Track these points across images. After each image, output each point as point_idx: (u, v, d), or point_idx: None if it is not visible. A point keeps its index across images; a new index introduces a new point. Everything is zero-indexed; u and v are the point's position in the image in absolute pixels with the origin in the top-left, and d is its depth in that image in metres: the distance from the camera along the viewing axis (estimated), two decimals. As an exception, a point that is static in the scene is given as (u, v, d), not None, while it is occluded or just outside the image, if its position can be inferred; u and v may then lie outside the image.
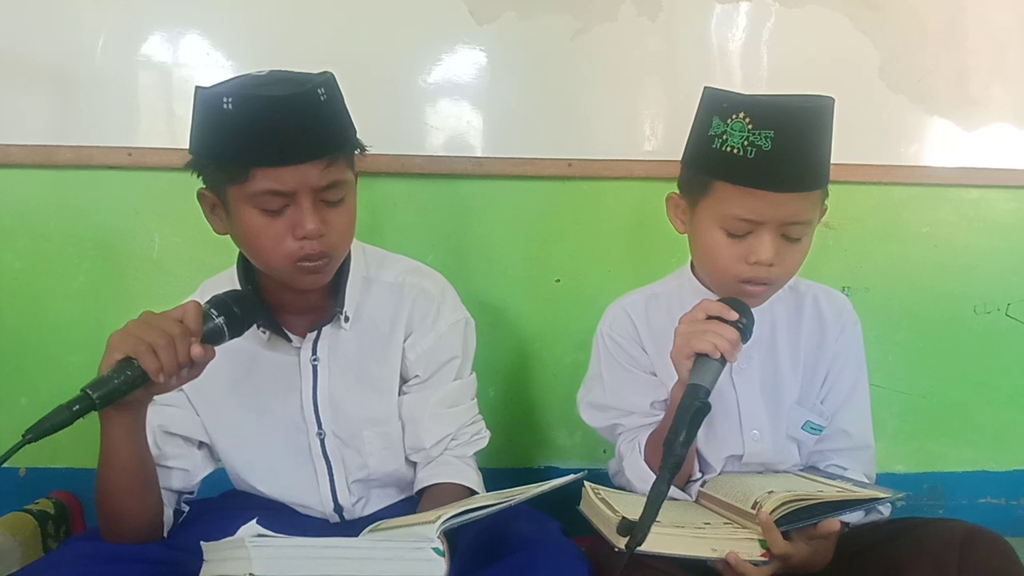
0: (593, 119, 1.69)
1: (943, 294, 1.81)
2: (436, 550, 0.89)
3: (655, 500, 0.93)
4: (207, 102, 1.09)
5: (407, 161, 1.63)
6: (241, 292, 1.16)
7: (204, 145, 1.12)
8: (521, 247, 1.73)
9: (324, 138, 1.09)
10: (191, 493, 1.27)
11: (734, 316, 1.09)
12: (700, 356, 1.07)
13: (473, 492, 1.24)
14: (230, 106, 1.05)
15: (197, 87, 1.12)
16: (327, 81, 1.11)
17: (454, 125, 1.68)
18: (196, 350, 1.03)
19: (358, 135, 1.19)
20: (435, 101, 1.67)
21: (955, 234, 1.80)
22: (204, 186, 1.16)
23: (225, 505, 1.29)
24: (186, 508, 1.25)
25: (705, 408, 1.02)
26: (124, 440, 1.09)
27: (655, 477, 0.96)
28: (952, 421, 1.85)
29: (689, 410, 1.01)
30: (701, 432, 1.25)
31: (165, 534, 1.18)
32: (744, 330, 1.10)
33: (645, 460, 1.22)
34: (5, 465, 1.57)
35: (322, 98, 1.08)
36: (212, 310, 1.09)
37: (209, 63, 1.63)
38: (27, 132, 1.61)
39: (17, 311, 1.69)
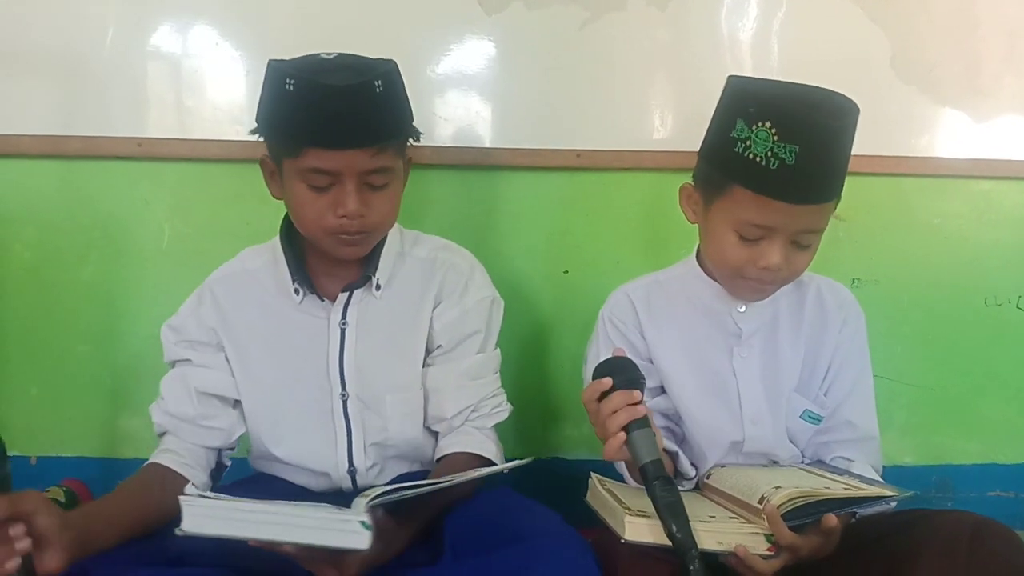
0: (602, 110, 1.68)
1: (953, 286, 1.80)
2: (363, 523, 0.92)
3: None
4: (273, 77, 1.16)
5: (415, 152, 1.59)
6: None
7: (266, 117, 1.20)
8: (529, 238, 1.73)
9: (374, 128, 1.15)
10: (231, 448, 1.32)
11: (607, 383, 1.06)
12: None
13: (491, 463, 1.27)
14: (291, 87, 1.12)
15: (270, 61, 1.17)
16: (387, 73, 1.17)
17: (462, 116, 1.67)
18: None
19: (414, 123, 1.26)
20: (443, 92, 1.67)
21: (966, 226, 1.79)
22: (267, 153, 1.24)
23: (251, 489, 1.30)
24: (228, 463, 1.32)
25: (668, 479, 1.01)
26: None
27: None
28: (961, 414, 1.84)
29: (664, 496, 0.99)
30: (702, 420, 1.26)
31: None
32: (629, 382, 1.06)
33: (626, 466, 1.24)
34: (17, 453, 1.59)
35: (378, 89, 1.14)
36: None
37: (218, 53, 1.63)
38: (36, 122, 1.62)
39: (26, 301, 1.70)
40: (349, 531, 0.92)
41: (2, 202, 1.66)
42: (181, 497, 0.93)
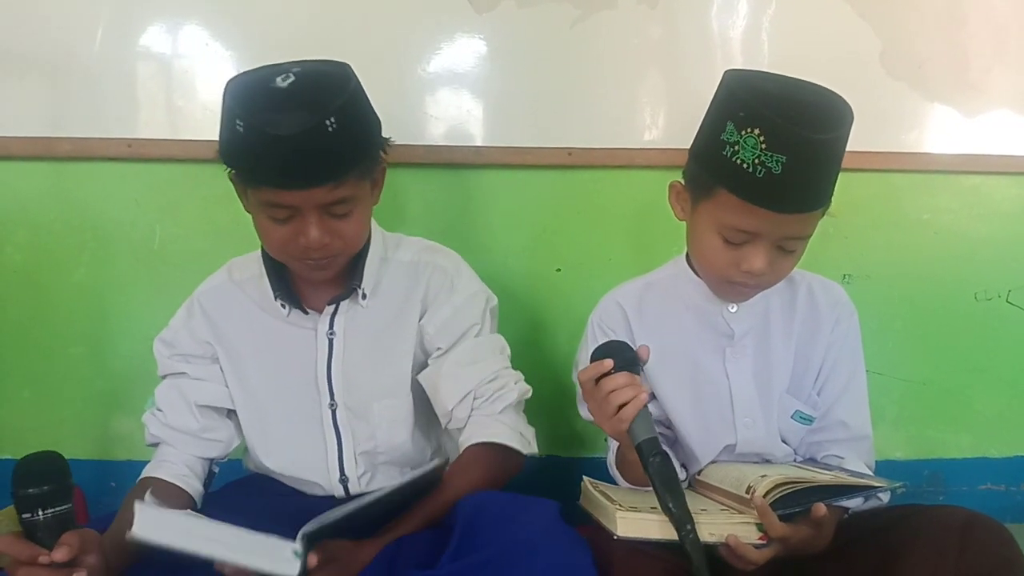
0: (593, 108, 1.68)
1: (943, 281, 1.81)
2: (295, 552, 0.96)
3: (698, 561, 0.98)
4: (227, 111, 1.11)
5: (407, 151, 1.62)
6: (32, 469, 0.98)
7: (223, 150, 1.15)
8: (521, 236, 1.73)
9: (329, 168, 1.11)
10: (225, 458, 1.34)
11: (609, 364, 1.08)
12: None
13: (507, 448, 1.24)
14: (241, 130, 1.08)
15: (227, 83, 1.13)
16: (343, 106, 1.10)
17: (454, 114, 1.67)
18: (45, 559, 0.95)
19: (382, 135, 1.21)
20: (435, 91, 1.67)
21: (955, 221, 1.79)
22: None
23: (245, 490, 1.34)
24: (216, 469, 1.33)
25: (665, 456, 1.04)
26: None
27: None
28: (952, 408, 1.85)
29: (659, 471, 1.02)
30: (695, 423, 1.26)
31: (199, 504, 1.27)
32: (628, 363, 1.09)
33: (617, 466, 1.26)
34: (9, 457, 1.60)
35: (331, 129, 1.08)
36: (22, 516, 0.97)
37: (208, 53, 1.63)
38: (26, 124, 1.62)
39: (18, 304, 1.69)
40: (282, 558, 0.95)
41: (-7, 204, 1.66)
42: (137, 502, 0.95)
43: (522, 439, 1.27)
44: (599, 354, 1.11)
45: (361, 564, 1.08)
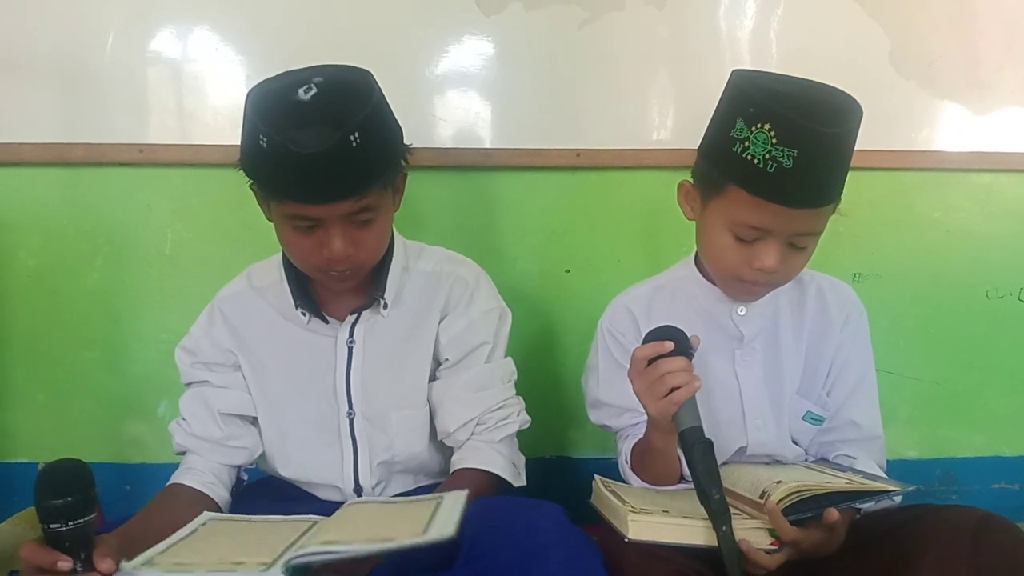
0: (601, 109, 1.68)
1: (955, 279, 1.80)
2: None
3: (731, 556, 0.98)
4: (249, 124, 1.11)
5: (415, 154, 1.61)
6: (56, 478, 0.94)
7: (245, 162, 1.15)
8: (530, 238, 1.74)
9: (353, 182, 1.11)
10: (252, 465, 1.34)
11: (669, 346, 1.09)
12: None
13: (499, 478, 1.27)
14: (264, 145, 1.07)
15: (248, 93, 1.12)
16: (366, 119, 1.09)
17: (462, 117, 1.68)
18: (66, 566, 0.91)
19: (404, 142, 1.21)
20: (443, 93, 1.67)
21: (967, 219, 1.79)
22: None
23: (259, 492, 1.34)
24: (245, 477, 1.35)
25: (709, 444, 1.04)
26: None
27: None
28: (965, 406, 1.85)
29: (703, 459, 1.03)
30: (705, 426, 1.25)
31: (226, 512, 1.26)
32: (682, 349, 1.10)
33: (632, 469, 1.25)
34: (24, 460, 1.61)
35: (355, 144, 1.07)
36: (47, 526, 0.92)
37: (218, 58, 1.64)
38: (38, 130, 1.63)
39: (32, 308, 1.71)
40: None
41: (6, 210, 1.67)
42: (124, 563, 0.92)
43: (514, 470, 1.30)
44: (656, 335, 1.11)
45: (363, 572, 1.08)
